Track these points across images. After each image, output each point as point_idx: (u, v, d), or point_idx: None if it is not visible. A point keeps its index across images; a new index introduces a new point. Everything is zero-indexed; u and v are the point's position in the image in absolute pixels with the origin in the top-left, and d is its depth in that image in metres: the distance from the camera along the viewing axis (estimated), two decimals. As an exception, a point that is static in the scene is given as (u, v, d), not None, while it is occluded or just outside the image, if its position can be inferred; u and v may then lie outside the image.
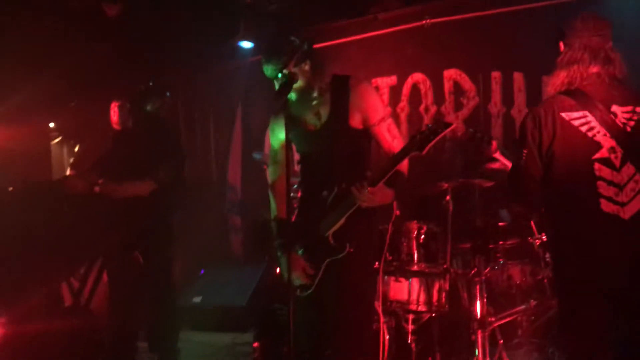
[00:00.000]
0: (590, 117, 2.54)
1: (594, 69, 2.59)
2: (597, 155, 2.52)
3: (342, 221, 2.86)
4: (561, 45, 2.68)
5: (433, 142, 2.63)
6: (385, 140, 2.97)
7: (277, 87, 2.87)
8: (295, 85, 2.85)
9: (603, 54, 2.59)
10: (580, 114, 2.54)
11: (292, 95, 2.90)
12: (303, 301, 2.90)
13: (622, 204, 2.48)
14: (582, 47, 2.59)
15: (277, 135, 3.13)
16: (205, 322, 5.78)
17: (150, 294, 4.16)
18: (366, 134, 3.01)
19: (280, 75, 2.83)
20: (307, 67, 2.90)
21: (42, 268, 3.78)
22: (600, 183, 2.50)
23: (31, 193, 3.91)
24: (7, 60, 6.15)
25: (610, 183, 2.50)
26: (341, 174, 2.93)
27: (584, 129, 2.53)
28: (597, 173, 2.51)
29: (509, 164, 3.48)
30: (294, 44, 2.84)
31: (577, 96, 2.56)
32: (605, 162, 2.51)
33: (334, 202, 2.90)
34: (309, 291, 2.91)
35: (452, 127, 2.66)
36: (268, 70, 2.88)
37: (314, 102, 3.00)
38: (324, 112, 3.01)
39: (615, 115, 2.54)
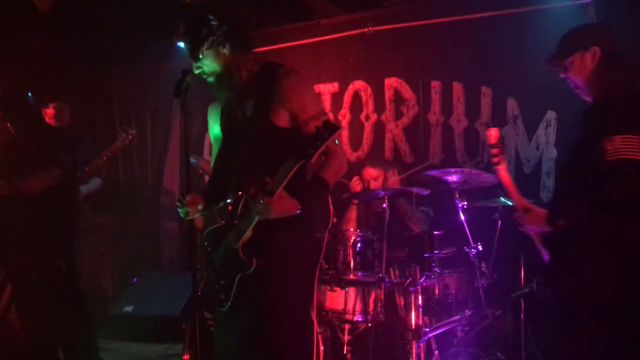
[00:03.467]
0: None
1: None
2: None
3: (249, 233, 2.54)
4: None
5: (321, 149, 2.32)
6: None
7: (194, 70, 2.63)
8: (216, 71, 2.62)
9: None
10: None
11: (213, 84, 2.64)
12: (223, 316, 2.64)
13: None
14: None
15: (210, 128, 2.89)
16: (137, 332, 5.59)
17: (59, 300, 3.92)
18: (298, 135, 2.56)
19: (196, 56, 2.58)
20: (225, 51, 2.61)
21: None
22: None
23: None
24: None
25: None
26: (255, 179, 2.52)
27: None
28: None
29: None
30: (210, 25, 2.59)
31: None
32: None
33: (243, 211, 2.57)
34: (227, 306, 2.62)
35: (339, 131, 2.33)
36: (185, 51, 2.65)
37: (240, 93, 2.69)
38: (249, 105, 2.70)
39: None
